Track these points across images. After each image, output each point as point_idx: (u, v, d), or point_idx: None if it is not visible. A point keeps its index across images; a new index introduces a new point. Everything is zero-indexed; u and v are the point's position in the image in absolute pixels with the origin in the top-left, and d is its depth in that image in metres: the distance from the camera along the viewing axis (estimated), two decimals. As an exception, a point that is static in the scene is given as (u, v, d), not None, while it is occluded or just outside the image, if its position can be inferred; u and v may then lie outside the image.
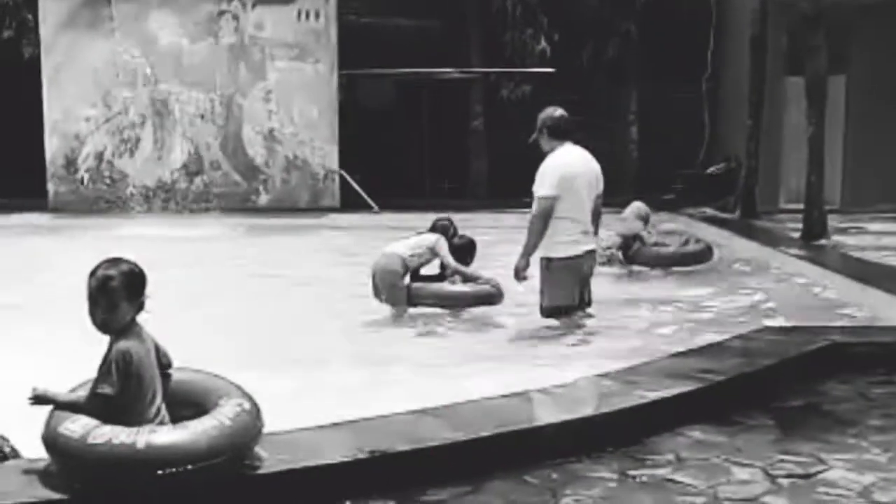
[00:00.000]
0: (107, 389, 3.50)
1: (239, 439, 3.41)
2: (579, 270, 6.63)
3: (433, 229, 7.67)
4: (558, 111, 6.77)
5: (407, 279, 7.37)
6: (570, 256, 6.60)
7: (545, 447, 4.19)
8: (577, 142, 6.76)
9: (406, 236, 7.67)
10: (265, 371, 5.24)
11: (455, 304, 7.35)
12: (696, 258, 9.82)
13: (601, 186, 6.79)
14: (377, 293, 7.37)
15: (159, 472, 3.25)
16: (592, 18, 16.16)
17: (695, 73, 16.65)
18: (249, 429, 3.49)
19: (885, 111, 14.85)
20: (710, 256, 10.01)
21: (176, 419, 3.57)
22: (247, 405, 3.54)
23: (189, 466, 3.28)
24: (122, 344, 3.56)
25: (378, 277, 7.32)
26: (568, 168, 6.58)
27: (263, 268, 10.05)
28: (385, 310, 7.40)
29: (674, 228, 10.10)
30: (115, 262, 3.66)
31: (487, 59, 16.55)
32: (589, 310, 6.92)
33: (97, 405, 3.48)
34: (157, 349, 3.68)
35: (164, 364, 3.70)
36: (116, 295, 3.57)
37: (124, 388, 3.51)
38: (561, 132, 6.72)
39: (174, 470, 3.26)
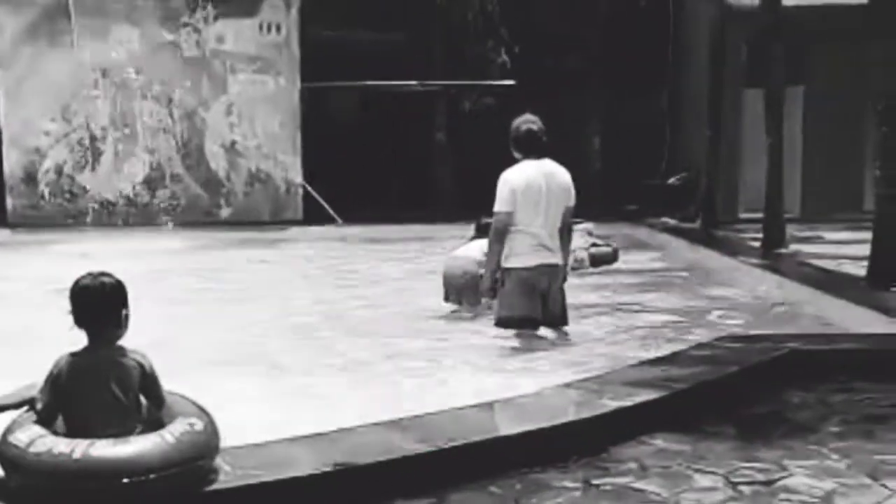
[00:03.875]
0: (34, 394, 3.64)
1: (182, 457, 3.43)
2: (534, 283, 6.64)
3: (479, 229, 8.06)
4: (525, 126, 6.74)
5: None
6: (522, 267, 6.62)
7: (509, 457, 4.20)
8: (544, 155, 6.75)
9: (464, 242, 8.34)
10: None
11: None
12: (603, 260, 10.20)
13: (572, 200, 6.81)
14: (451, 295, 7.95)
15: (95, 483, 3.29)
16: (553, 31, 16.27)
17: (656, 84, 16.80)
18: (198, 447, 3.51)
19: (842, 121, 15.06)
20: (616, 258, 10.53)
21: None
22: (198, 425, 3.57)
23: (125, 480, 3.30)
24: (66, 356, 3.63)
25: (458, 280, 7.80)
26: (520, 183, 6.60)
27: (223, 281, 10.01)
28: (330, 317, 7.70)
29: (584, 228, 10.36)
30: (101, 273, 3.70)
31: (449, 72, 16.60)
32: (565, 328, 6.92)
33: (34, 411, 3.61)
34: (146, 375, 3.66)
35: (149, 391, 3.69)
36: (123, 301, 3.68)
37: (47, 398, 3.61)
38: (524, 146, 6.74)
39: (109, 483, 3.29)
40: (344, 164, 15.60)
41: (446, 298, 8.03)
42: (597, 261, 10.13)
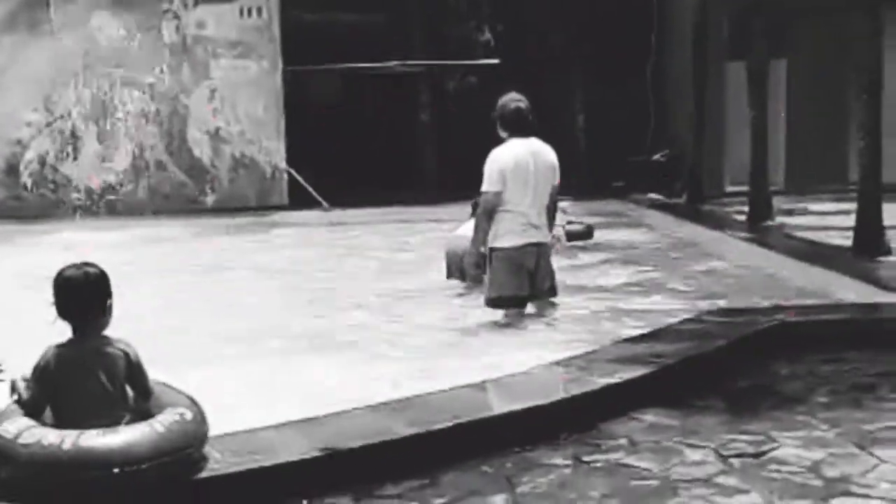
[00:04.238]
0: (21, 386, 3.65)
1: (172, 446, 3.43)
2: (521, 262, 6.65)
3: (476, 208, 7.99)
4: (513, 104, 6.72)
5: None
6: (511, 247, 6.62)
7: (500, 437, 4.21)
8: (531, 134, 6.73)
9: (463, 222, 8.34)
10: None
11: None
12: (578, 237, 10.29)
13: (557, 179, 6.81)
14: (454, 272, 8.04)
15: (86, 474, 3.29)
16: (536, 9, 16.21)
17: (639, 60, 16.76)
18: (187, 436, 3.51)
19: (825, 93, 15.07)
20: (591, 235, 10.58)
21: None
22: (188, 414, 3.58)
23: (115, 470, 3.30)
24: (52, 347, 3.62)
25: (459, 258, 7.75)
26: (509, 162, 6.59)
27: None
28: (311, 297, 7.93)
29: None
30: (84, 264, 3.68)
31: (432, 52, 16.53)
32: (553, 300, 6.95)
33: (19, 403, 3.62)
34: (131, 364, 3.65)
35: (135, 380, 3.68)
36: (107, 291, 3.67)
37: (35, 389, 3.62)
38: (511, 124, 6.71)
39: (101, 473, 3.29)
40: (328, 147, 15.57)
41: (449, 275, 8.16)
42: (572, 237, 10.19)
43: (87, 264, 3.72)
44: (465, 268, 7.57)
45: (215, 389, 4.29)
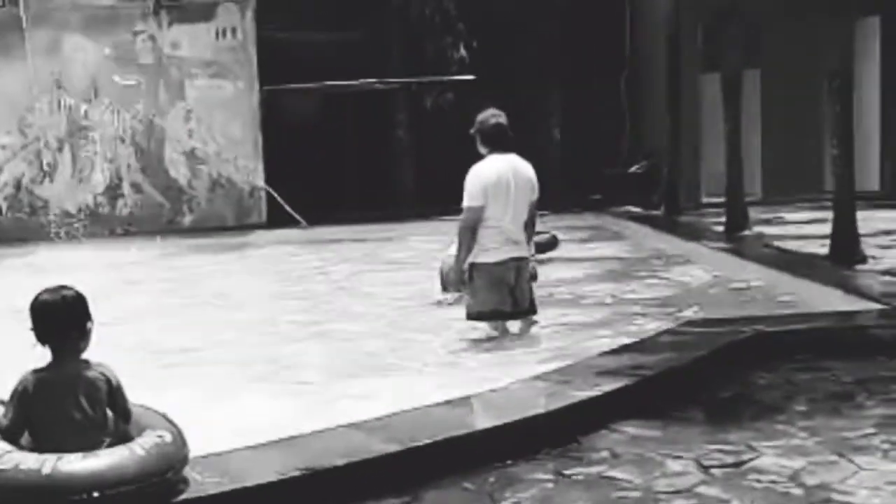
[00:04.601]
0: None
1: (152, 469, 3.41)
2: (503, 277, 6.67)
3: None
4: (493, 119, 6.74)
5: None
6: (492, 262, 6.64)
7: (481, 452, 4.20)
8: (511, 150, 6.76)
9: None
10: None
11: None
12: (542, 248, 10.16)
13: (536, 194, 6.84)
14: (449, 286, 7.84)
15: (66, 498, 3.25)
16: (510, 24, 16.28)
17: (614, 73, 16.85)
18: (167, 458, 3.48)
19: (799, 103, 15.20)
20: (556, 245, 10.60)
21: None
22: (167, 437, 3.55)
23: (95, 494, 3.27)
24: (31, 372, 3.58)
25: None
26: (491, 177, 6.61)
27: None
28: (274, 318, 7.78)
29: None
30: (61, 287, 3.65)
31: (409, 69, 16.56)
32: (534, 317, 6.97)
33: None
34: (112, 388, 3.62)
35: (116, 404, 3.65)
36: (85, 314, 3.64)
37: (13, 414, 3.57)
38: (491, 140, 6.74)
39: (83, 497, 3.26)
40: (306, 165, 15.56)
41: (444, 289, 8.14)
42: (538, 249, 10.19)
43: (63, 287, 3.68)
44: (448, 283, 7.60)
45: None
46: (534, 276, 8.35)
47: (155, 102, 15.06)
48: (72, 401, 3.55)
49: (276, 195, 15.09)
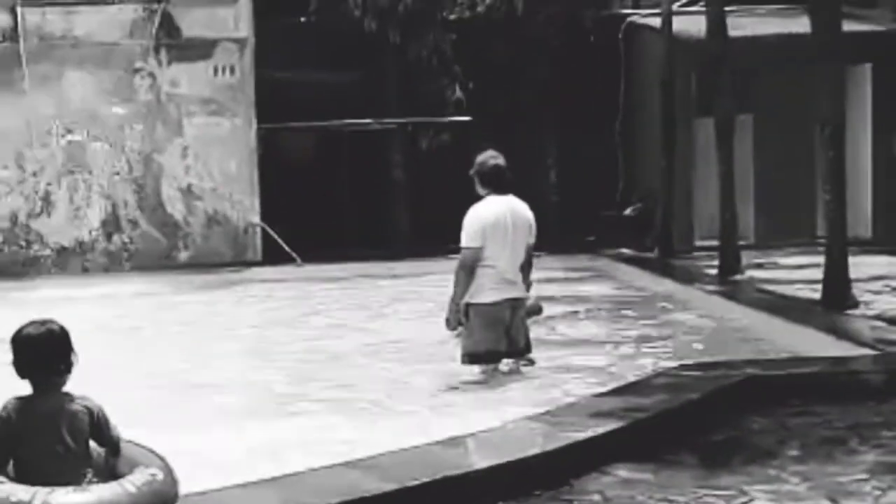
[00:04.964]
0: None
1: None
2: (499, 318, 6.70)
3: None
4: (492, 160, 6.83)
5: None
6: (488, 303, 6.67)
7: (475, 493, 4.22)
8: (509, 191, 6.82)
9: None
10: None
11: None
12: (527, 313, 9.92)
13: (533, 236, 6.90)
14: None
15: None
16: (506, 67, 16.41)
17: (609, 117, 16.97)
18: (159, 496, 3.45)
19: (792, 147, 15.30)
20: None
21: None
22: (159, 475, 3.52)
23: None
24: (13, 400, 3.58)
25: None
26: (490, 218, 6.67)
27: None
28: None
29: None
30: (46, 321, 3.67)
31: (405, 110, 16.65)
32: (530, 355, 6.99)
33: None
34: (94, 420, 3.62)
35: (100, 436, 3.66)
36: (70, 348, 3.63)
37: None
38: (490, 181, 6.81)
39: None
40: (302, 203, 15.59)
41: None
42: None
43: (48, 321, 3.70)
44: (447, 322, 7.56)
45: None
46: (539, 310, 8.31)
47: (153, 138, 15.12)
48: (56, 434, 3.55)
49: (271, 232, 15.13)
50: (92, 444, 3.66)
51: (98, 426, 3.63)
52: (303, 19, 16.92)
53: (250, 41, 15.22)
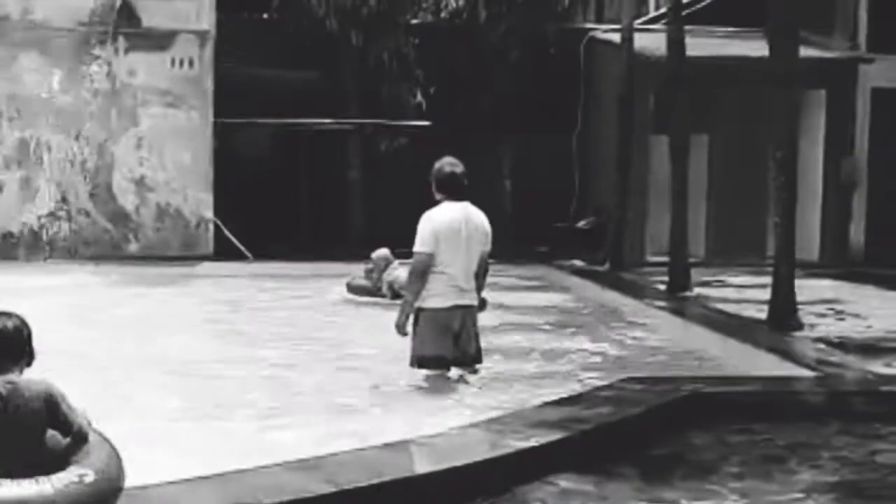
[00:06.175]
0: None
1: None
2: (447, 323, 6.70)
3: None
4: (448, 167, 6.81)
5: None
6: (438, 308, 6.67)
7: (416, 498, 4.21)
8: (465, 198, 6.81)
9: None
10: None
11: None
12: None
13: (488, 244, 6.90)
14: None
15: None
16: (467, 73, 16.46)
17: (566, 129, 17.08)
18: (82, 497, 3.35)
19: (745, 168, 15.53)
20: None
21: None
22: (89, 477, 3.42)
23: None
24: None
25: None
26: (444, 224, 6.66)
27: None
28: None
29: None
30: (2, 314, 3.61)
31: (364, 111, 16.63)
32: (478, 366, 6.98)
33: None
34: (51, 404, 3.55)
35: (58, 421, 3.58)
36: (28, 341, 3.60)
37: None
38: (446, 187, 6.80)
39: None
40: (257, 200, 15.49)
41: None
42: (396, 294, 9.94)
43: (4, 314, 3.65)
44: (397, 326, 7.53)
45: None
46: (483, 305, 8.22)
47: (107, 128, 14.94)
48: (10, 422, 3.48)
49: (223, 227, 15.01)
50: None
51: (54, 411, 3.55)
52: (265, 16, 16.86)
53: (211, 34, 15.10)
